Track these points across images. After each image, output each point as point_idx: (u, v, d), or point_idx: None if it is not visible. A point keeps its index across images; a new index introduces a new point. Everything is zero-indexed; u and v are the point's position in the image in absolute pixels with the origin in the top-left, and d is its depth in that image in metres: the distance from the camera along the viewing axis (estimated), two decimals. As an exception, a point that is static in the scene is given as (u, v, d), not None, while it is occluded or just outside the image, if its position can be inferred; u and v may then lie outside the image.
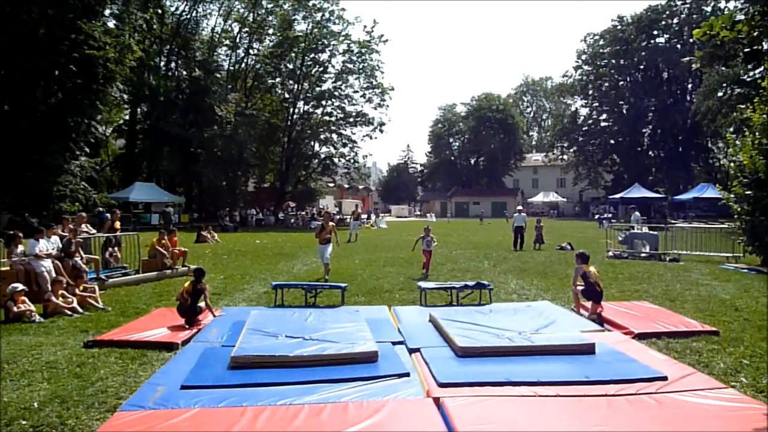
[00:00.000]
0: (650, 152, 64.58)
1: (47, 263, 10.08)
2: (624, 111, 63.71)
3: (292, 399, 4.91)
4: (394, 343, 6.78)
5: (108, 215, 15.61)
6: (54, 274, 9.86)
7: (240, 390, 5.14)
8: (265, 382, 5.35)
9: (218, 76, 46.36)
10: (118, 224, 15.12)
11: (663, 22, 60.23)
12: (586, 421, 4.45)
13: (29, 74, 26.36)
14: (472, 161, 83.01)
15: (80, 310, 9.02)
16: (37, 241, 10.23)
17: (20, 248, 10.25)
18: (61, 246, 10.97)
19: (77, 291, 9.49)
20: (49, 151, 27.23)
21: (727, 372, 5.93)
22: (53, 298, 8.88)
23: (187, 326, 7.78)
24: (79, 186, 29.02)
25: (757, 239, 15.21)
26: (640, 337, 7.29)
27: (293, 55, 49.11)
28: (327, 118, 52.03)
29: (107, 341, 7.02)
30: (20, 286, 8.69)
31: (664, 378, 5.39)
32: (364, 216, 47.08)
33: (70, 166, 28.96)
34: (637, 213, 23.07)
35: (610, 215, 41.57)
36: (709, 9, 54.27)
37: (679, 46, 57.90)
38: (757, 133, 15.13)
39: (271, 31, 49.83)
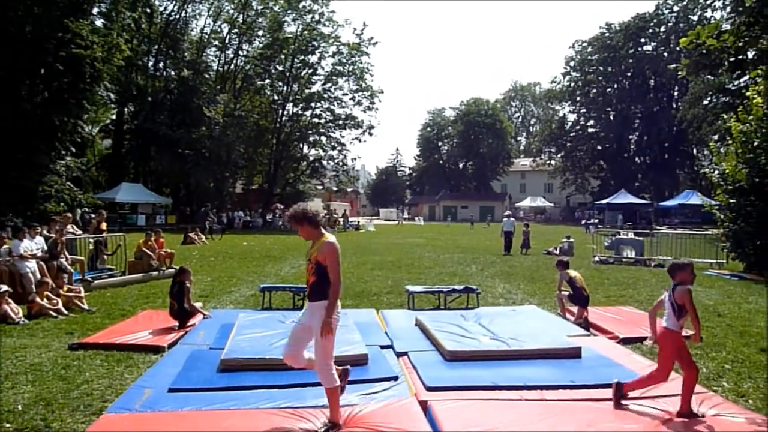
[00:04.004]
0: (636, 158, 65.24)
1: (32, 264, 9.99)
2: (611, 117, 64.34)
3: (280, 402, 4.92)
4: (382, 347, 6.80)
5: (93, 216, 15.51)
6: (39, 275, 9.77)
7: (228, 393, 5.13)
8: (253, 385, 5.35)
9: (207, 76, 46.15)
10: (104, 225, 15.01)
11: (650, 30, 60.92)
12: (571, 424, 4.50)
13: (15, 73, 26.06)
14: (461, 165, 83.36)
15: (65, 311, 8.94)
16: (21, 242, 10.13)
17: (4, 248, 10.16)
18: (45, 247, 10.87)
19: (61, 292, 9.41)
20: (35, 150, 26.89)
21: (709, 377, 6.02)
22: (38, 300, 8.79)
23: (177, 328, 7.77)
24: (64, 186, 28.66)
25: (740, 246, 15.46)
26: (625, 341, 7.37)
27: (283, 56, 49.00)
28: (316, 120, 51.98)
29: (93, 344, 6.97)
30: (4, 288, 8.60)
31: (649, 382, 5.45)
32: (353, 220, 47.06)
33: (56, 166, 28.60)
34: (620, 216, 23.34)
35: (596, 220, 41.84)
36: (695, 18, 54.93)
37: (666, 54, 58.56)
38: (738, 142, 15.39)
39: (260, 32, 49.65)
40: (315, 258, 4.41)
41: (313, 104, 51.08)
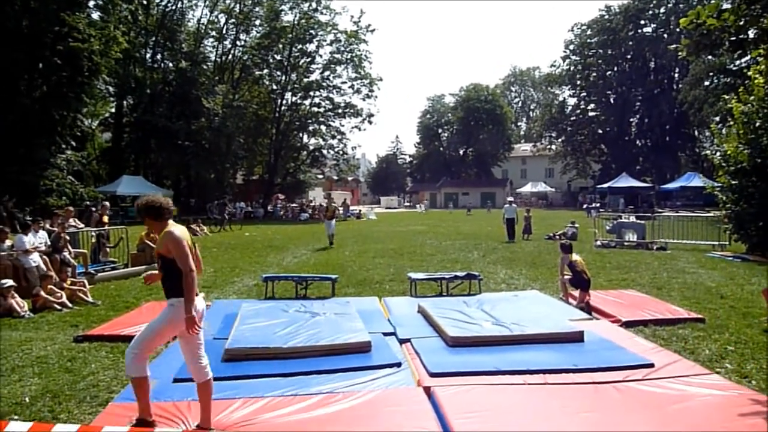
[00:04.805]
0: (637, 141, 65.00)
1: (36, 258, 10.03)
2: (612, 101, 64.02)
3: (284, 390, 4.95)
4: (385, 334, 6.82)
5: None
6: (43, 269, 9.81)
7: (233, 382, 5.16)
8: (258, 373, 5.38)
9: (205, 67, 45.97)
10: (106, 218, 15.04)
11: (650, 12, 60.40)
12: (574, 408, 4.53)
13: (13, 67, 26.00)
14: (461, 152, 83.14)
15: (69, 304, 8.98)
16: (25, 236, 10.16)
17: (8, 243, 10.19)
18: (48, 241, 10.91)
19: (65, 285, 9.45)
20: (35, 144, 26.92)
21: (712, 358, 6.04)
22: (42, 293, 8.83)
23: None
24: (65, 180, 28.74)
25: (742, 227, 15.43)
26: (628, 325, 7.39)
27: (281, 45, 48.76)
28: (315, 109, 51.81)
29: (97, 336, 7.00)
30: (9, 282, 8.64)
31: (651, 365, 5.48)
32: (354, 209, 46.95)
33: (57, 160, 28.67)
34: (622, 200, 23.30)
35: (598, 204, 41.76)
36: (695, -2, 54.46)
37: (666, 35, 58.10)
38: (740, 123, 15.31)
39: (258, 21, 49.40)
40: (158, 251, 4.13)
41: (311, 93, 50.88)
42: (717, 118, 34.23)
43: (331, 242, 19.48)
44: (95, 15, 34.11)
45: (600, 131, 64.71)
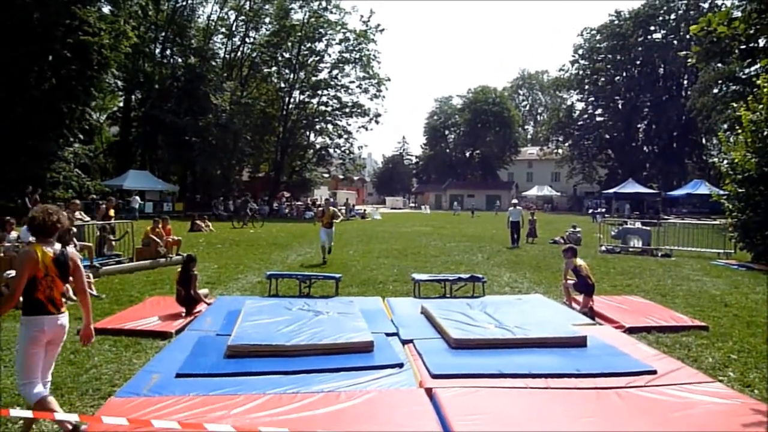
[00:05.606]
0: (645, 147, 64.83)
1: (41, 250, 10.05)
2: (619, 106, 63.89)
3: (286, 388, 4.95)
4: (387, 335, 6.82)
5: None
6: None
7: (235, 379, 5.18)
8: (260, 371, 5.39)
9: (214, 64, 46.10)
10: (112, 212, 15.09)
11: (660, 18, 60.27)
12: (576, 412, 4.52)
13: (23, 60, 26.13)
14: (468, 154, 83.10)
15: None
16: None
17: (14, 234, 10.23)
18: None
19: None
20: (43, 137, 27.06)
21: (715, 366, 6.02)
22: (47, 285, 8.85)
23: (184, 315, 7.83)
24: (72, 173, 28.89)
25: (747, 236, 15.40)
26: (631, 331, 7.38)
27: (289, 44, 48.81)
28: (323, 108, 51.83)
29: (101, 329, 6.99)
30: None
31: (654, 372, 5.47)
32: (359, 208, 46.79)
33: (64, 153, 28.81)
34: (628, 206, 23.20)
35: (603, 210, 41.68)
36: (706, 5, 54.23)
37: (675, 42, 57.95)
38: (748, 132, 15.27)
39: (267, 19, 49.47)
40: None
41: (319, 92, 50.91)
42: (725, 126, 34.11)
43: (325, 257, 14.77)
44: (106, 9, 34.26)
45: (607, 136, 64.57)
